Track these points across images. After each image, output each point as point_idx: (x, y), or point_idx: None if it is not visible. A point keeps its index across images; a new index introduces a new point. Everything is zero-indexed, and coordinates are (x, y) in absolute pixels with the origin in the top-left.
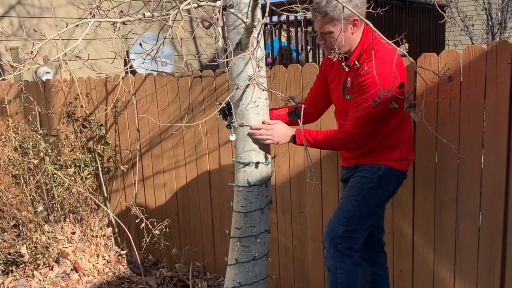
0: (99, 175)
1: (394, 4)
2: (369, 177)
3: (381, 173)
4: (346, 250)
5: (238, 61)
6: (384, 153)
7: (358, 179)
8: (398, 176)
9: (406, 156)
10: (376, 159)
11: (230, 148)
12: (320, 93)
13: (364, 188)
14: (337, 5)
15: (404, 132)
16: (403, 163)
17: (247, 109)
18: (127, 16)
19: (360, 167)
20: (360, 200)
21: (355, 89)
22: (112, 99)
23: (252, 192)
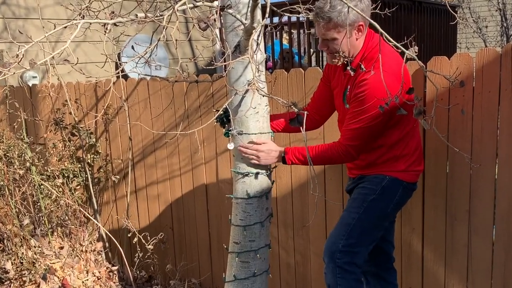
0: (89, 186)
1: (402, 4)
2: (372, 188)
3: (385, 184)
4: (347, 266)
5: (237, 65)
6: (389, 165)
7: (360, 190)
8: (404, 187)
9: (413, 167)
10: (380, 170)
11: (228, 158)
12: (323, 98)
13: (366, 200)
14: (342, 11)
15: (410, 143)
16: (410, 174)
17: (246, 116)
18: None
19: (364, 178)
20: (362, 212)
21: (352, 100)
22: (102, 105)
23: (251, 205)
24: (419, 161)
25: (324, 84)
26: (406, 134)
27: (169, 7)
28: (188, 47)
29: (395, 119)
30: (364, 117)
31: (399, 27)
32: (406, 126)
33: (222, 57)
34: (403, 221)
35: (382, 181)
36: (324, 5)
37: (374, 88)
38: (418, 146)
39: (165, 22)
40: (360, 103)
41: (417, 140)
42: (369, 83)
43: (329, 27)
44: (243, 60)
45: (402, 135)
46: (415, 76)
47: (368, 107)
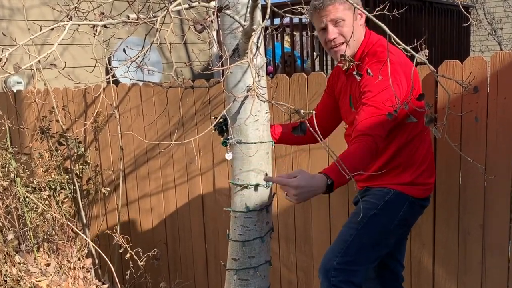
0: (77, 199)
1: (412, 5)
2: (374, 202)
3: (389, 198)
4: (343, 284)
5: (235, 69)
6: (393, 176)
7: (362, 204)
8: (411, 203)
9: (422, 180)
10: (385, 182)
11: (226, 168)
12: (327, 110)
13: (366, 215)
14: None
15: (418, 150)
16: (418, 188)
17: (245, 124)
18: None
19: (369, 190)
20: (361, 228)
21: (359, 97)
22: (92, 112)
23: (251, 218)
24: (429, 173)
25: (328, 95)
26: (413, 138)
27: (163, 7)
28: (183, 51)
29: (400, 120)
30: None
31: (408, 29)
32: (413, 130)
33: (219, 61)
34: (413, 237)
35: (385, 195)
36: None
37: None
38: (428, 156)
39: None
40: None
41: (427, 148)
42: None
43: (335, 8)
44: (242, 64)
45: (407, 140)
46: (425, 81)
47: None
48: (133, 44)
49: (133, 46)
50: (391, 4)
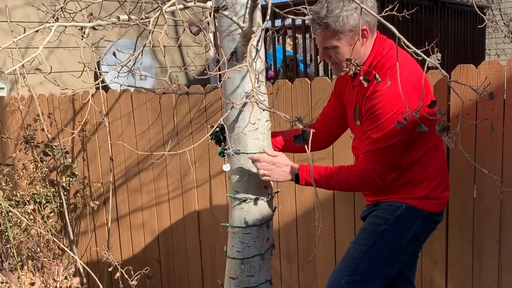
0: (64, 214)
1: (423, 5)
2: (384, 217)
3: (401, 213)
4: None
5: (233, 74)
6: (406, 190)
7: (372, 219)
8: (424, 218)
9: (436, 194)
10: (397, 196)
11: (223, 181)
12: (334, 115)
13: (376, 231)
14: (340, 15)
15: (430, 165)
16: (432, 202)
17: (244, 133)
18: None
19: (379, 205)
20: (371, 245)
21: (365, 116)
22: (79, 120)
23: (250, 234)
24: (444, 186)
25: (335, 99)
26: (425, 154)
27: (156, 8)
28: (178, 54)
29: (413, 136)
30: (380, 135)
31: (419, 31)
32: (426, 144)
33: (216, 66)
34: (424, 254)
35: (397, 210)
36: (320, 9)
37: (388, 100)
38: (442, 168)
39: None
40: (374, 120)
41: (440, 161)
42: (382, 95)
43: (327, 35)
44: (240, 69)
45: (420, 155)
46: (437, 87)
47: (384, 123)
48: (124, 47)
49: (124, 50)
50: (400, 4)
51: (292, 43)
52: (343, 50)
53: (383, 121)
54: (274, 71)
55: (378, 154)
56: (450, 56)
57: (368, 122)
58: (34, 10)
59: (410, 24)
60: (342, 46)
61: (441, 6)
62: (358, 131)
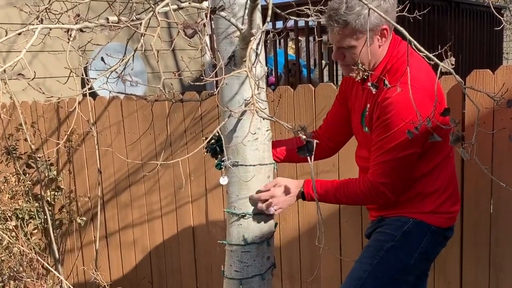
0: (48, 230)
1: (436, 6)
2: (390, 233)
3: (408, 228)
4: None
5: (231, 80)
6: (413, 204)
7: (377, 236)
8: (433, 233)
9: (445, 208)
10: (403, 211)
11: (220, 195)
12: (338, 121)
13: (382, 248)
14: (361, 13)
15: (440, 177)
16: (441, 216)
17: (243, 144)
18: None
19: (384, 220)
20: (376, 263)
21: (375, 125)
22: (65, 130)
23: (249, 253)
24: (454, 200)
25: (340, 103)
26: (436, 166)
27: (148, 9)
28: (172, 59)
29: (425, 147)
30: (392, 146)
31: (431, 33)
32: (437, 155)
33: (213, 71)
34: (436, 274)
35: (404, 225)
36: (339, 5)
37: (401, 108)
38: (452, 181)
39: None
40: (386, 129)
41: (450, 173)
42: (394, 103)
43: (345, 33)
44: (239, 74)
45: (430, 168)
46: (451, 93)
47: (396, 133)
48: (113, 51)
49: (113, 54)
50: (412, 4)
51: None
52: (359, 51)
53: (395, 131)
54: (275, 76)
55: (389, 166)
56: (464, 60)
57: (379, 131)
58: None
59: (421, 26)
60: (359, 46)
61: (455, 6)
62: (364, 139)
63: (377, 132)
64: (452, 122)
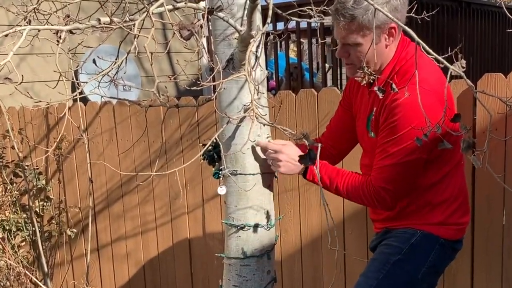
0: (37, 243)
1: (445, 6)
2: (397, 246)
3: (415, 240)
4: None
5: (230, 84)
6: (421, 215)
7: (383, 248)
8: (442, 246)
9: (455, 219)
10: (410, 222)
11: (218, 206)
12: (342, 127)
13: (388, 262)
14: (369, 8)
15: (449, 186)
16: (450, 228)
17: (242, 152)
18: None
19: (390, 232)
20: (382, 278)
21: (382, 127)
22: (55, 137)
23: (248, 266)
24: (463, 210)
25: (344, 109)
26: (446, 175)
27: (141, 9)
28: (167, 62)
29: (435, 154)
30: (397, 150)
31: (441, 35)
32: (447, 163)
33: (210, 75)
34: (446, 286)
35: (411, 237)
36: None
37: (409, 111)
38: (462, 190)
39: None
40: (392, 132)
41: (460, 182)
42: (402, 105)
43: (351, 29)
44: (238, 78)
45: (440, 176)
46: (462, 98)
47: (402, 136)
48: (105, 53)
49: (105, 56)
50: (419, 5)
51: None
52: (365, 49)
53: (402, 134)
54: (276, 81)
55: (392, 170)
56: (476, 63)
57: (385, 134)
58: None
59: (430, 28)
60: (365, 44)
61: (466, 7)
62: (370, 145)
63: (383, 135)
64: (463, 129)
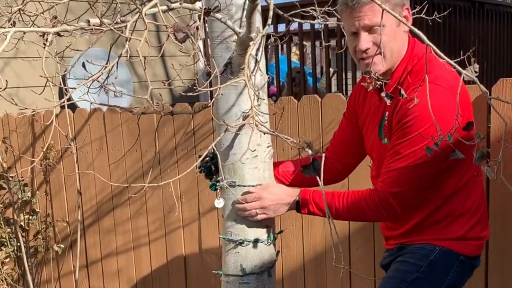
0: (22, 259)
1: (458, 7)
2: (414, 263)
3: (434, 257)
4: None
5: (228, 90)
6: (439, 229)
7: (399, 265)
8: (461, 263)
9: (475, 233)
10: (428, 237)
11: (215, 219)
12: (347, 140)
13: (405, 280)
14: None
15: (471, 196)
16: (470, 244)
17: (241, 162)
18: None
19: (406, 248)
20: None
21: (395, 129)
22: (41, 146)
23: (247, 284)
24: (483, 224)
25: (348, 121)
26: (465, 185)
27: (133, 10)
28: (161, 66)
29: (450, 161)
30: (411, 151)
31: (453, 37)
32: (466, 172)
33: (207, 80)
34: None
35: (429, 254)
36: None
37: (424, 111)
38: (482, 202)
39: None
40: (405, 133)
41: (480, 193)
42: (417, 104)
43: (376, 7)
44: (236, 83)
45: (460, 185)
46: (475, 105)
47: (416, 137)
48: (95, 57)
49: (95, 60)
50: (430, 5)
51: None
52: (389, 32)
53: (416, 135)
54: (277, 86)
55: (403, 174)
56: (490, 68)
57: (398, 135)
58: None
59: (442, 29)
60: (388, 26)
61: (480, 7)
62: (384, 153)
63: (396, 136)
64: (477, 137)
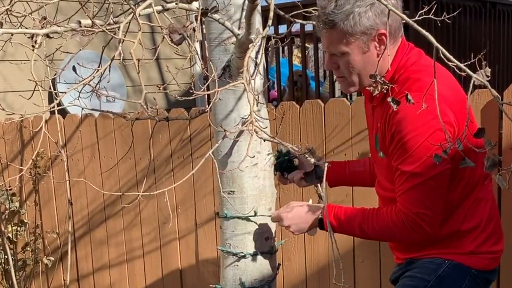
0: (9, 272)
1: (468, 7)
2: (422, 278)
3: (443, 271)
4: None
5: (226, 94)
6: (449, 243)
7: (407, 281)
8: (473, 277)
9: (487, 247)
10: (437, 251)
11: (213, 230)
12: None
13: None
14: (352, 12)
15: (479, 210)
16: (483, 257)
17: (240, 170)
18: (54, 26)
19: (415, 263)
20: None
21: (391, 148)
22: (30, 153)
23: None
24: (497, 237)
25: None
26: (471, 191)
27: (127, 10)
28: (155, 70)
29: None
30: (416, 167)
31: (463, 39)
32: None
33: (204, 84)
34: None
35: (438, 268)
36: (327, 4)
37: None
38: (494, 213)
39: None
40: (404, 150)
41: (491, 203)
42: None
43: (333, 37)
44: (235, 87)
45: (465, 193)
46: (486, 110)
47: (417, 151)
48: (86, 60)
49: (86, 63)
50: (439, 5)
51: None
52: (353, 59)
53: (417, 148)
54: (278, 90)
55: (419, 192)
56: (502, 71)
57: (398, 154)
58: None
59: (451, 31)
60: (352, 53)
61: (491, 8)
62: (382, 166)
63: (396, 156)
64: (487, 145)
